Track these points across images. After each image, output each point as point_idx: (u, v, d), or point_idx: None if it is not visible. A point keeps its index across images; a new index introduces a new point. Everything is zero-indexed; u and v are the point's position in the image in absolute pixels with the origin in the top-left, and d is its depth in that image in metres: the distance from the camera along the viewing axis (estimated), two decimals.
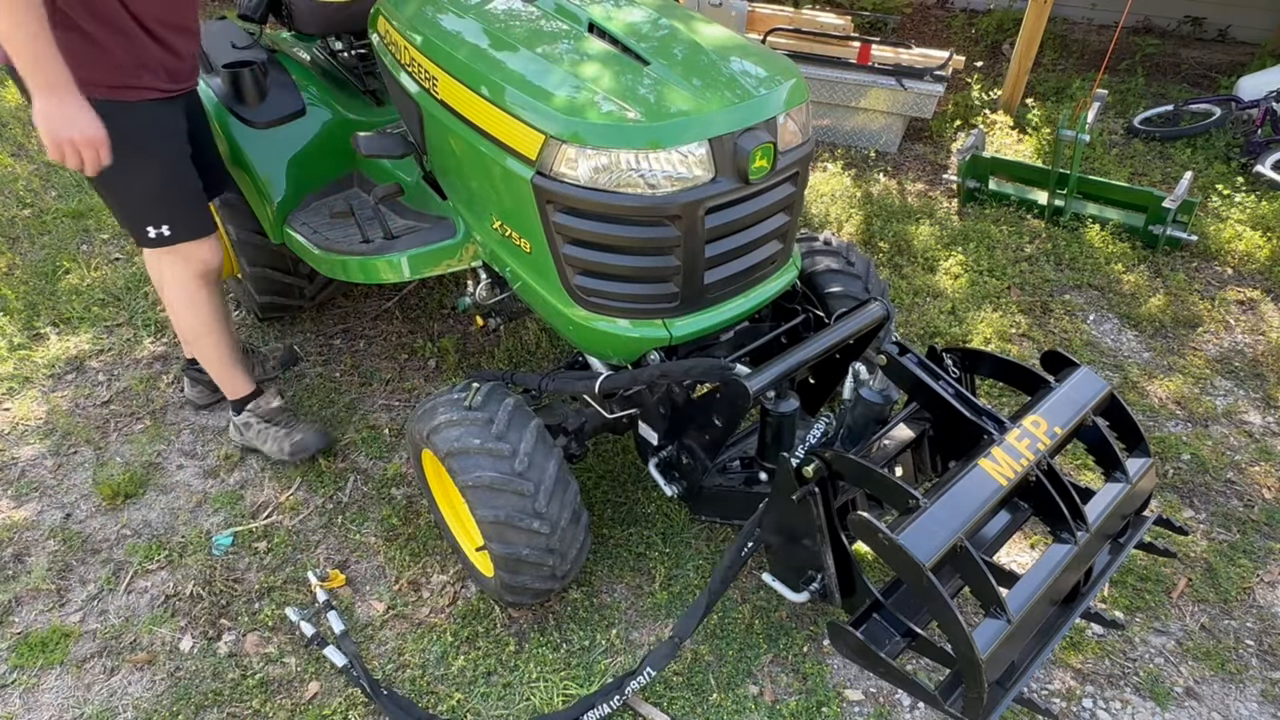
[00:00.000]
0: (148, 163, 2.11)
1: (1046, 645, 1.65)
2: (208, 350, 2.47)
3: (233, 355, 2.52)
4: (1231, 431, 2.85)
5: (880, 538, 1.51)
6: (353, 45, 2.85)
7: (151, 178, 2.13)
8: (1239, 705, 2.05)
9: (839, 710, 2.00)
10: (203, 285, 2.35)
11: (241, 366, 2.56)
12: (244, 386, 2.57)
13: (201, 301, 2.37)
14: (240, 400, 2.58)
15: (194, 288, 2.34)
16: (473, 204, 2.17)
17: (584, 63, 1.87)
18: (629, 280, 1.87)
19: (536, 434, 1.91)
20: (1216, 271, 3.70)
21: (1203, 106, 4.92)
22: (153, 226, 2.18)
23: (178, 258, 2.28)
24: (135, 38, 2.00)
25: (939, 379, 1.91)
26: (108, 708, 1.98)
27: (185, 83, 2.19)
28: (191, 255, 2.28)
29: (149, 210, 2.17)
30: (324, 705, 1.98)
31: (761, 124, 1.79)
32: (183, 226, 2.22)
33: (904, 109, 4.58)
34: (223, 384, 2.57)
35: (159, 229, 2.19)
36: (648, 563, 2.34)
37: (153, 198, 2.16)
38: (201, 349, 2.47)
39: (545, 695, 2.01)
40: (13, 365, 2.92)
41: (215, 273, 2.37)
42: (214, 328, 2.43)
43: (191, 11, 2.17)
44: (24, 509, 2.45)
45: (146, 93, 2.05)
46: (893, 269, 3.60)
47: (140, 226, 2.19)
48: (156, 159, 2.13)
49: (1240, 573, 2.36)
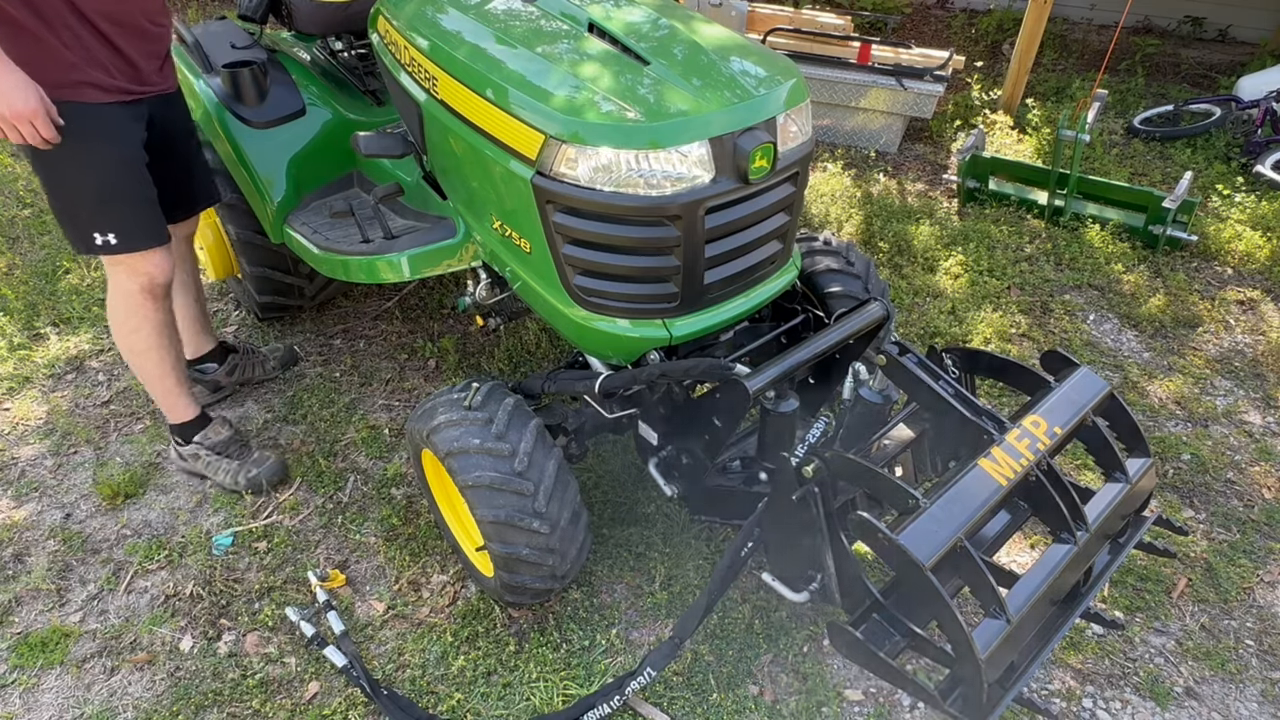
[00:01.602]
0: (93, 166, 2.01)
1: (1046, 645, 1.65)
2: (147, 368, 2.35)
3: (176, 376, 2.39)
4: (1231, 431, 2.85)
5: (880, 538, 1.52)
6: (353, 45, 2.85)
7: (97, 181, 2.02)
8: (1239, 705, 2.05)
9: (839, 710, 2.00)
10: (147, 299, 2.22)
11: (185, 389, 2.44)
12: (187, 411, 2.45)
13: (143, 316, 2.24)
14: (184, 426, 2.47)
15: (137, 301, 2.21)
16: (473, 204, 2.17)
17: (584, 63, 1.87)
18: (629, 280, 1.87)
19: (536, 434, 1.91)
20: (1216, 271, 3.70)
21: (1203, 106, 4.93)
22: (99, 233, 2.07)
23: (121, 268, 2.17)
24: (80, 35, 1.92)
25: (939, 379, 1.91)
26: (108, 708, 1.98)
27: (145, 86, 2.09)
28: (137, 267, 2.16)
29: (94, 216, 2.06)
30: (324, 705, 1.98)
31: (761, 124, 1.79)
32: (129, 236, 2.10)
33: (904, 109, 4.58)
34: (163, 406, 2.45)
35: (105, 236, 2.08)
36: (648, 563, 2.34)
37: (98, 203, 2.05)
38: (140, 366, 2.35)
39: (545, 695, 2.01)
40: (13, 365, 2.92)
41: (162, 288, 2.24)
42: (155, 344, 2.30)
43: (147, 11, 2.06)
44: (24, 509, 2.45)
45: (94, 93, 1.97)
46: (893, 269, 3.60)
47: (85, 233, 2.08)
48: (103, 162, 2.03)
49: (1240, 573, 2.36)
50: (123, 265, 2.16)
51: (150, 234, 2.15)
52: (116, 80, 2.01)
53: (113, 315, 2.27)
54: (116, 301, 2.24)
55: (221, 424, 2.52)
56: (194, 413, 2.48)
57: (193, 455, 2.49)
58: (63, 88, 1.91)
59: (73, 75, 1.93)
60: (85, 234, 2.09)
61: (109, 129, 2.02)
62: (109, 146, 2.03)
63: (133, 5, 2.00)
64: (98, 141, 2.00)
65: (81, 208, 2.06)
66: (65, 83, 1.92)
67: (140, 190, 2.11)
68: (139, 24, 2.03)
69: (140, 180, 2.11)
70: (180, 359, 2.41)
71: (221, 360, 2.77)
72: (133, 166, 2.09)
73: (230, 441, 2.50)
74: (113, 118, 2.02)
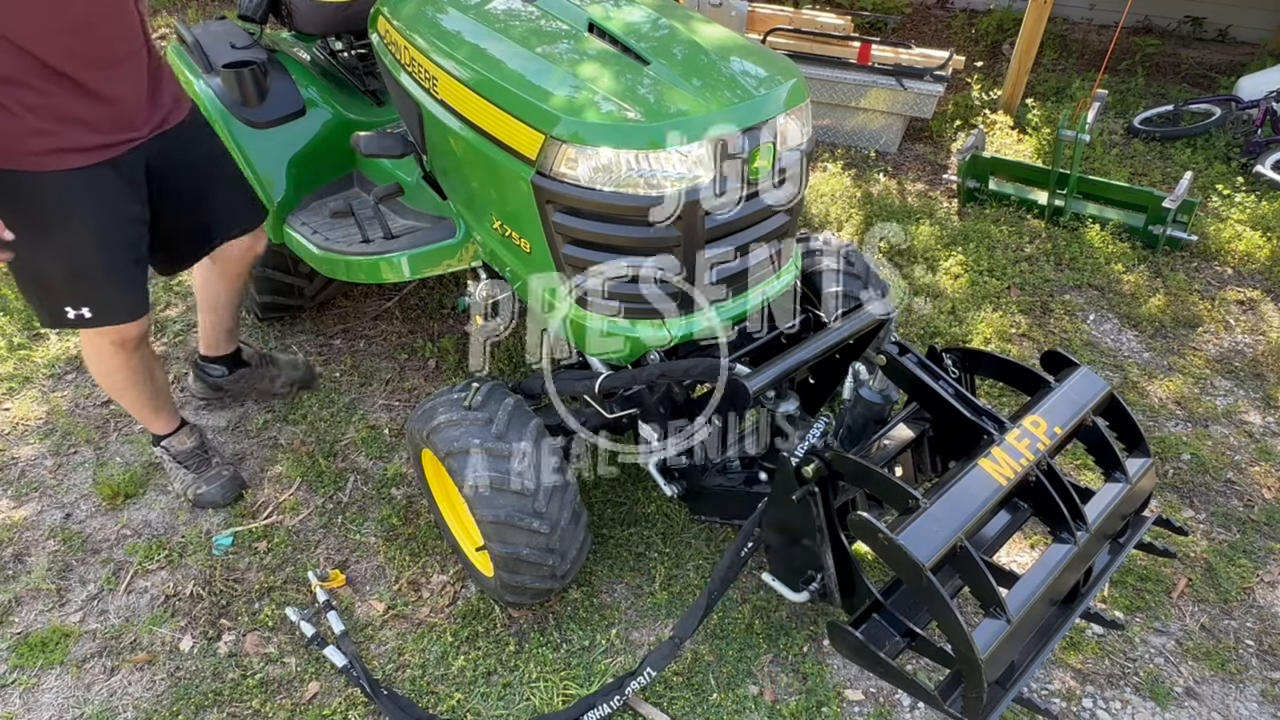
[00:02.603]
0: (66, 242, 1.79)
1: (1046, 645, 1.65)
2: (126, 402, 2.34)
3: (154, 402, 2.36)
4: (1231, 431, 2.85)
5: (880, 538, 1.52)
6: (353, 45, 2.85)
7: (70, 258, 1.81)
8: (1239, 705, 2.05)
9: (839, 710, 2.00)
10: (118, 352, 2.12)
11: (165, 407, 2.41)
12: (164, 425, 2.45)
13: (116, 364, 2.16)
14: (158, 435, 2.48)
15: (108, 353, 2.12)
16: (473, 204, 2.17)
17: (584, 62, 1.87)
18: (629, 280, 1.87)
19: (536, 434, 1.91)
20: (1216, 271, 3.70)
21: (1203, 106, 4.92)
22: (70, 308, 1.89)
23: (92, 331, 2.04)
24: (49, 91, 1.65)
25: (939, 379, 1.91)
26: (108, 708, 1.98)
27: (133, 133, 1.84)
28: (104, 331, 2.02)
29: (66, 293, 1.88)
30: (324, 705, 1.98)
31: (761, 124, 1.79)
32: (104, 310, 1.93)
33: (904, 109, 4.58)
34: (144, 423, 2.46)
35: (78, 310, 1.90)
36: (648, 563, 2.34)
37: (69, 279, 1.85)
38: (119, 398, 2.34)
39: (545, 695, 2.01)
40: (13, 365, 2.92)
41: (134, 341, 2.12)
42: (131, 382, 2.24)
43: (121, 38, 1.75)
44: (24, 509, 2.45)
45: (73, 158, 1.72)
46: (893, 269, 3.60)
47: (55, 308, 1.90)
48: (79, 236, 1.80)
49: (1240, 573, 2.36)
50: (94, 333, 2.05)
51: (129, 308, 1.99)
52: (98, 135, 1.77)
53: (87, 360, 2.22)
54: (88, 351, 2.17)
55: (188, 434, 2.48)
56: (171, 426, 2.46)
57: (158, 457, 2.51)
58: (31, 157, 1.66)
59: (43, 143, 1.68)
60: (55, 309, 1.92)
61: (87, 197, 1.78)
62: (87, 217, 1.80)
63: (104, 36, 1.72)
64: (73, 213, 1.77)
65: (51, 284, 1.87)
66: (34, 152, 1.67)
67: (120, 261, 1.91)
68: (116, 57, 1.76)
69: (122, 249, 1.90)
70: (162, 384, 2.38)
71: (232, 368, 2.72)
72: (114, 235, 1.87)
73: (192, 454, 2.46)
74: (93, 182, 1.78)
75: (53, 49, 1.62)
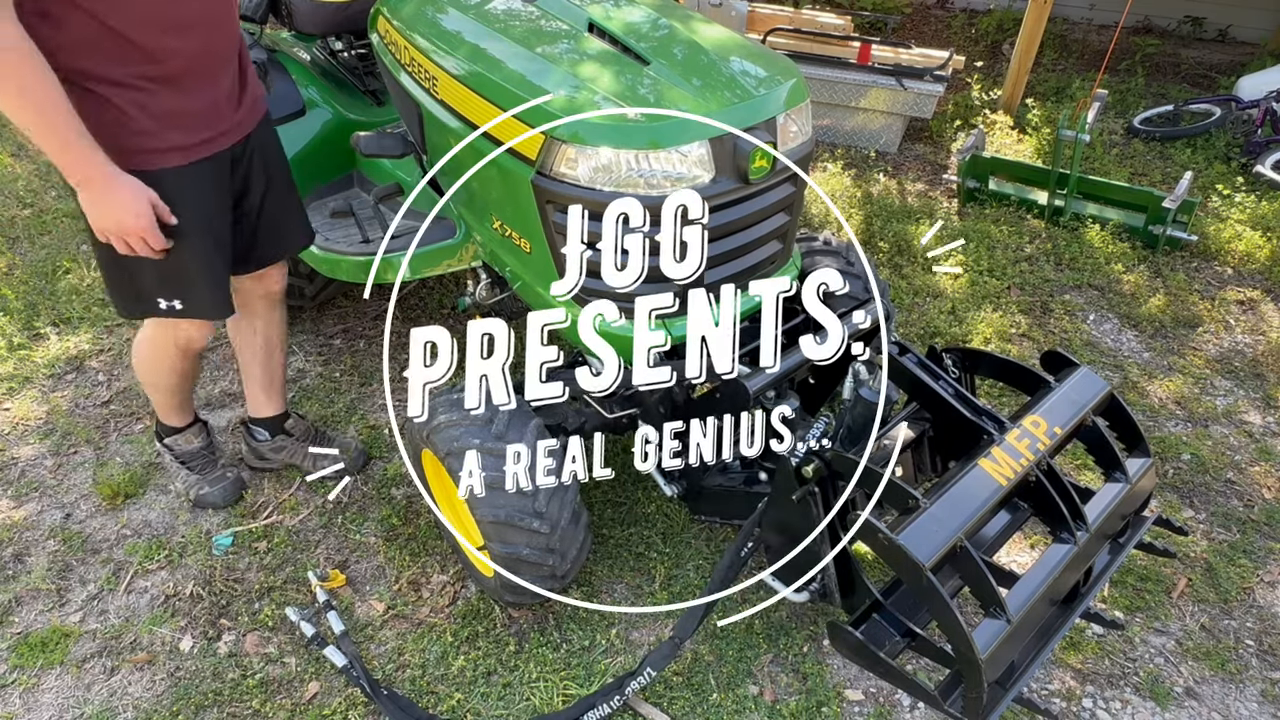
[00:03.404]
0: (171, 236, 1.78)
1: (1046, 645, 1.66)
2: (158, 397, 2.31)
3: (176, 401, 2.33)
4: (1231, 431, 2.85)
5: (880, 538, 1.52)
6: (353, 45, 2.85)
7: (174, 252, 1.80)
8: (1239, 705, 2.05)
9: (839, 710, 2.00)
10: (179, 356, 2.13)
11: (185, 406, 2.38)
12: (178, 420, 2.40)
13: (170, 367, 2.16)
14: (165, 426, 2.41)
15: (168, 353, 2.11)
16: (473, 204, 2.17)
17: (584, 62, 1.87)
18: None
19: (536, 434, 1.90)
20: (1216, 271, 3.70)
21: (1203, 106, 4.93)
22: (164, 299, 1.90)
23: (166, 326, 2.03)
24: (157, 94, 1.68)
25: (939, 379, 1.91)
26: (108, 708, 1.98)
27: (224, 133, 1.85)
28: (181, 328, 2.02)
29: (163, 286, 1.89)
30: (324, 705, 1.98)
31: (761, 124, 1.79)
32: (197, 303, 1.94)
33: (904, 109, 4.58)
34: (158, 411, 2.39)
35: (170, 302, 1.91)
36: (648, 563, 2.34)
37: (171, 272, 1.85)
38: (152, 392, 2.31)
39: (545, 695, 2.01)
40: (13, 365, 2.92)
41: (198, 350, 2.14)
42: (174, 386, 2.25)
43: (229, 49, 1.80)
44: (24, 509, 2.45)
45: (175, 157, 1.75)
46: (893, 269, 3.60)
47: (149, 299, 1.90)
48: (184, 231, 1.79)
49: (1240, 573, 2.36)
50: (167, 324, 2.02)
51: (217, 306, 1.98)
52: (197, 133, 1.78)
53: (138, 352, 2.17)
54: (145, 348, 2.14)
55: (196, 433, 2.43)
56: (183, 422, 2.42)
57: (159, 453, 2.49)
58: (141, 155, 1.68)
59: (151, 142, 1.70)
60: (148, 300, 1.91)
61: (191, 194, 1.79)
62: (192, 213, 1.80)
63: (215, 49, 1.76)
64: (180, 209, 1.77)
65: (149, 275, 1.86)
66: (144, 150, 1.69)
67: (216, 259, 1.92)
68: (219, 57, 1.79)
69: (217, 247, 1.91)
70: (192, 387, 2.35)
71: (275, 432, 2.51)
72: (213, 232, 1.88)
73: (197, 454, 2.43)
74: (196, 179, 1.80)
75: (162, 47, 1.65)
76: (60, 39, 1.53)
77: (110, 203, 1.64)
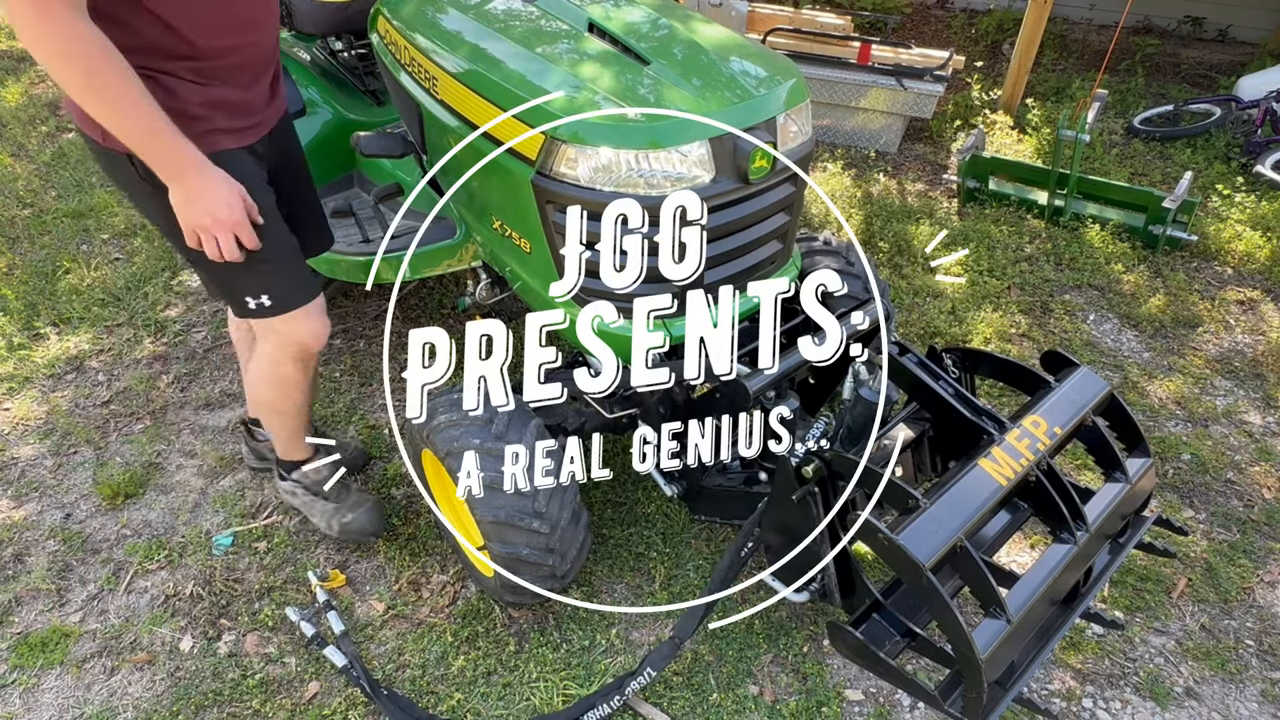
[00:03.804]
0: None
1: (1046, 645, 1.66)
2: (276, 422, 2.21)
3: (300, 424, 2.21)
4: (1231, 431, 2.85)
5: (880, 538, 1.52)
6: (353, 45, 2.85)
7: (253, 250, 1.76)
8: (1239, 705, 2.05)
9: (839, 710, 2.00)
10: (298, 367, 2.04)
11: (305, 430, 2.26)
12: (300, 452, 2.29)
13: (290, 382, 2.07)
14: (289, 462, 2.31)
15: (287, 368, 2.03)
16: (473, 204, 2.17)
17: (584, 62, 1.87)
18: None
19: (535, 434, 1.90)
20: (1216, 271, 3.70)
21: (1203, 106, 4.92)
22: (251, 297, 1.86)
23: (274, 339, 1.97)
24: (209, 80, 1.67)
25: (939, 379, 1.91)
26: (108, 708, 1.98)
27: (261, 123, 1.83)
28: (291, 332, 1.94)
29: (243, 278, 1.82)
30: (324, 705, 1.98)
31: (761, 124, 1.79)
32: (283, 294, 1.89)
33: (904, 109, 4.58)
34: (279, 446, 2.30)
35: (258, 299, 1.86)
36: (648, 563, 2.34)
37: (251, 265, 1.78)
38: (271, 420, 2.20)
39: (545, 695, 2.01)
40: (13, 365, 2.92)
41: (315, 356, 2.05)
42: (297, 404, 2.14)
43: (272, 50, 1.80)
44: (24, 509, 2.45)
45: (226, 139, 1.72)
46: (893, 269, 3.60)
47: (239, 298, 1.87)
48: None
49: (1240, 573, 2.36)
50: (275, 335, 1.96)
51: (303, 287, 1.93)
52: (239, 121, 1.76)
53: (258, 378, 2.11)
54: (265, 370, 2.07)
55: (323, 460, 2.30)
56: (305, 454, 2.30)
57: (290, 491, 2.34)
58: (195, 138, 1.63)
59: (202, 124, 1.66)
60: (238, 299, 1.87)
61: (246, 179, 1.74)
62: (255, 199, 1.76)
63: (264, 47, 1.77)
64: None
65: (233, 271, 1.79)
66: (197, 133, 1.64)
67: (282, 239, 1.86)
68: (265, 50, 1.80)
69: (279, 227, 1.85)
70: (310, 410, 2.23)
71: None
72: (270, 214, 1.82)
73: (329, 481, 2.28)
74: (246, 164, 1.77)
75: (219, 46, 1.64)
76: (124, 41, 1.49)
77: (205, 194, 1.60)
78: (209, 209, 1.62)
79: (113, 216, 3.72)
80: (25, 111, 4.61)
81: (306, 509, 2.32)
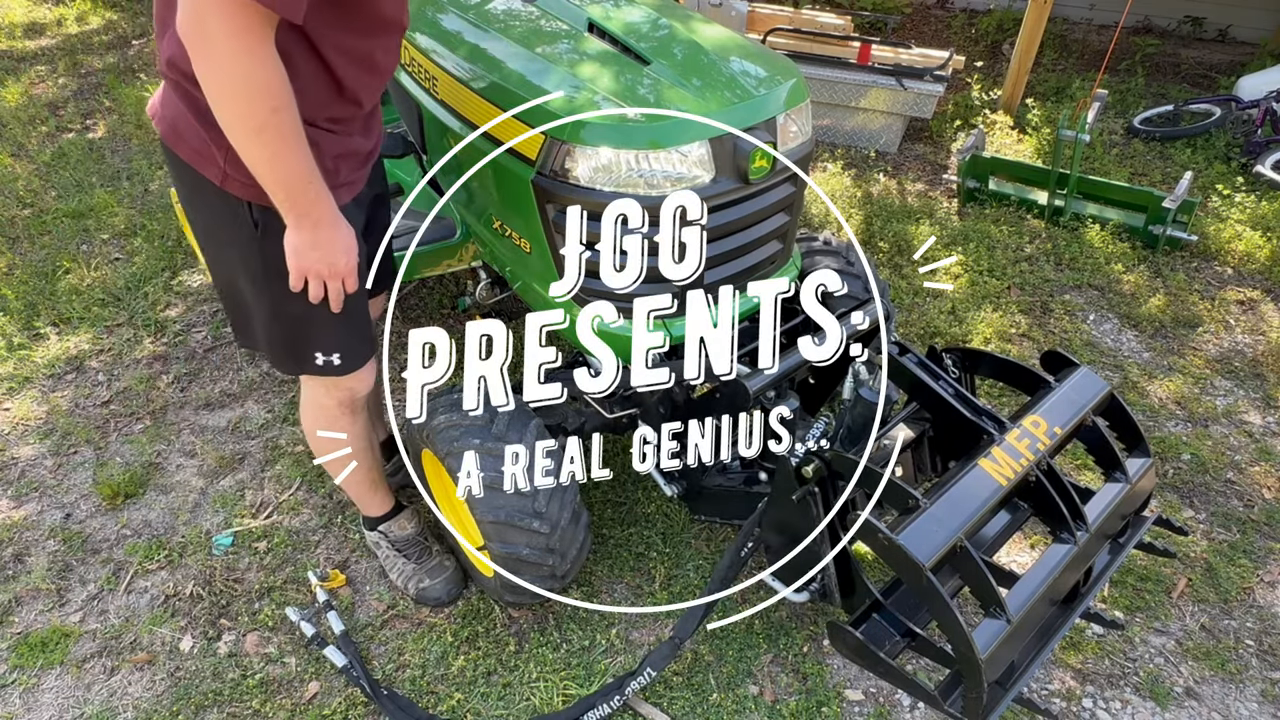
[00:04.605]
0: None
1: (1046, 645, 1.66)
2: (350, 478, 2.12)
3: (370, 476, 2.16)
4: (1231, 431, 2.85)
5: (880, 538, 1.52)
6: None
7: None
8: (1239, 705, 2.05)
9: (839, 710, 2.00)
10: (344, 413, 1.97)
11: (380, 486, 2.22)
12: (380, 506, 2.25)
13: (342, 428, 1.99)
14: (374, 518, 2.27)
15: (333, 415, 1.96)
16: (473, 204, 2.17)
17: (584, 62, 1.87)
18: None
19: (536, 434, 1.90)
20: (1216, 271, 3.70)
21: (1203, 106, 4.92)
22: (322, 354, 1.78)
23: (320, 384, 1.89)
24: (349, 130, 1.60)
25: (939, 379, 1.91)
26: (108, 708, 1.98)
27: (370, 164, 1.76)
28: (339, 383, 1.88)
29: (321, 335, 1.75)
30: (324, 705, 1.98)
31: (761, 124, 1.79)
32: (353, 354, 1.82)
33: (904, 109, 4.58)
34: (359, 503, 2.26)
35: (329, 356, 1.78)
36: (648, 563, 2.34)
37: (330, 321, 1.70)
38: (336, 472, 2.11)
39: (545, 695, 2.01)
40: (13, 365, 2.92)
41: (362, 400, 1.98)
42: (360, 452, 2.06)
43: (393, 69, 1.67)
44: (24, 509, 2.45)
45: (344, 194, 1.65)
46: (893, 269, 3.60)
47: (307, 354, 1.78)
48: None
49: (1240, 573, 2.36)
50: (323, 381, 1.88)
51: (370, 343, 1.87)
52: (356, 173, 1.69)
53: (308, 425, 2.03)
54: (312, 414, 1.99)
55: (409, 517, 2.28)
56: (386, 508, 2.26)
57: (374, 543, 2.30)
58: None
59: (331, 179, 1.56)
60: (303, 354, 1.78)
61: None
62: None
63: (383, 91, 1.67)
64: None
65: (307, 327, 1.73)
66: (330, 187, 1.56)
67: (361, 295, 1.75)
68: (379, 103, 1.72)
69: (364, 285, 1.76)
70: (377, 457, 2.19)
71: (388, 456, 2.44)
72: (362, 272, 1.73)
73: (411, 541, 2.25)
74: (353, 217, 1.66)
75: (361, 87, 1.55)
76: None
77: (332, 243, 1.53)
78: (328, 257, 1.55)
79: (113, 216, 3.72)
80: (25, 111, 4.61)
81: (387, 564, 2.28)
